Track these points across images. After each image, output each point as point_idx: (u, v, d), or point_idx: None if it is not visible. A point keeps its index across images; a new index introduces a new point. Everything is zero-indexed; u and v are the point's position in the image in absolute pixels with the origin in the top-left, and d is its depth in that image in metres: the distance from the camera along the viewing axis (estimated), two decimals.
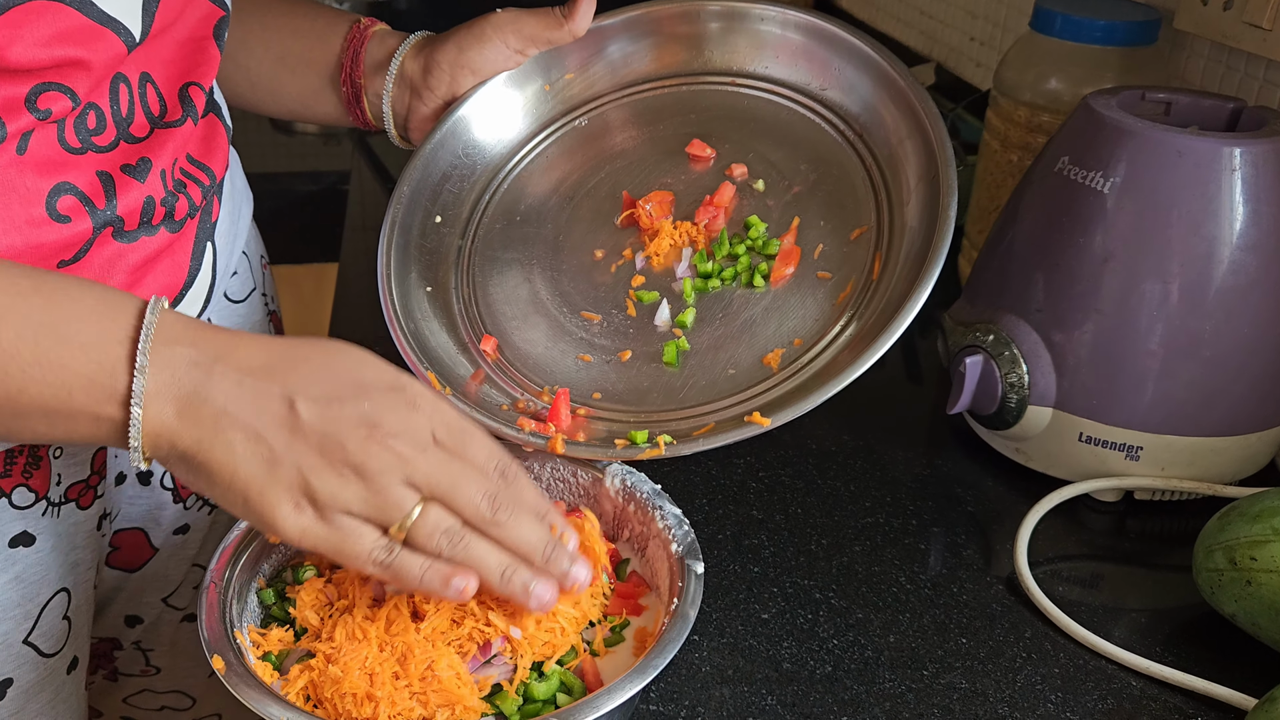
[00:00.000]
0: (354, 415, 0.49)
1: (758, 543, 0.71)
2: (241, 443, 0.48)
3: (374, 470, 0.49)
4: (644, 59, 0.78)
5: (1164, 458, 0.72)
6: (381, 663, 0.53)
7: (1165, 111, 0.76)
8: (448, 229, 0.75)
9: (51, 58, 0.51)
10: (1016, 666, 0.62)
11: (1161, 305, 0.69)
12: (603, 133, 0.77)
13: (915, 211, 0.65)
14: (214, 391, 0.48)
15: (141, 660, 0.78)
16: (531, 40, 0.73)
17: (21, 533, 0.60)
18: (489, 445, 0.52)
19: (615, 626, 0.58)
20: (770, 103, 0.74)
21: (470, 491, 0.51)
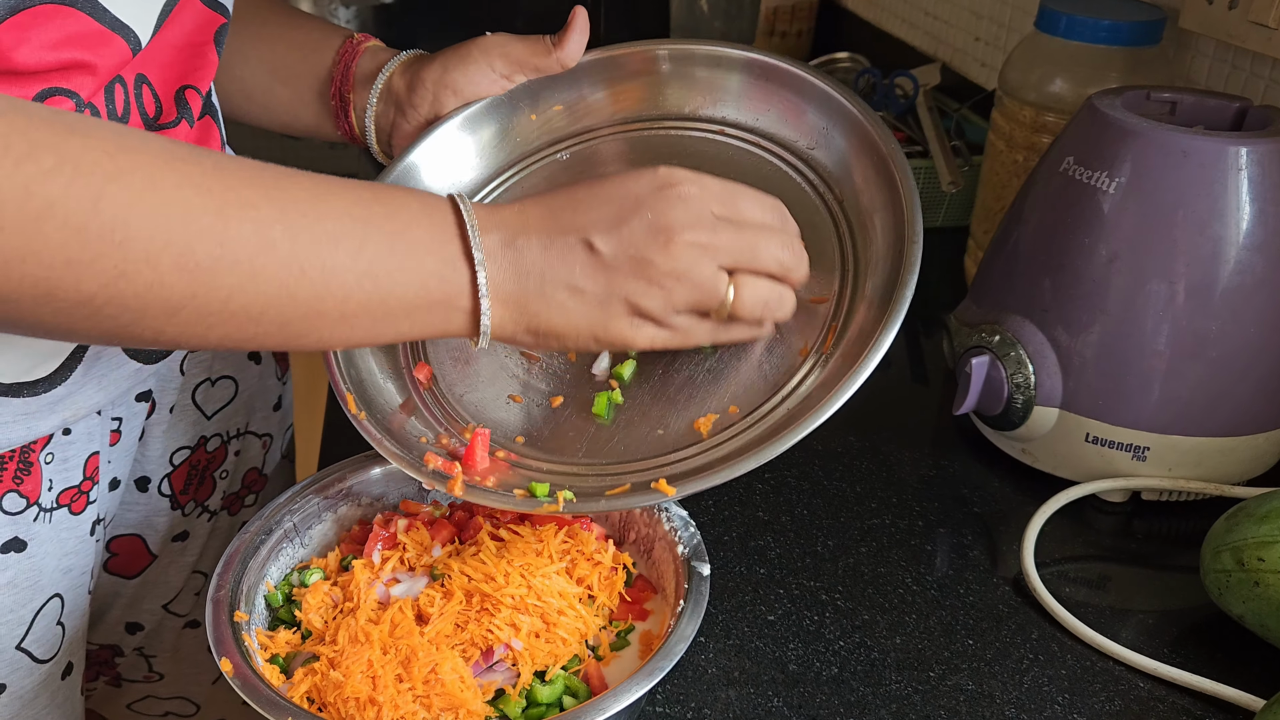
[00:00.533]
0: (644, 230, 0.53)
1: (764, 544, 0.71)
2: (568, 298, 0.53)
3: (684, 270, 0.53)
4: (635, 98, 0.76)
5: (1171, 458, 0.71)
6: (384, 665, 0.53)
7: (1170, 111, 0.76)
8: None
9: (58, 60, 0.51)
10: (1024, 668, 0.62)
11: (1168, 305, 0.69)
12: (583, 168, 0.75)
13: (875, 285, 0.63)
14: (528, 263, 0.53)
15: (144, 667, 0.79)
16: (519, 66, 0.72)
17: (13, 538, 0.60)
18: (756, 197, 0.58)
19: (621, 631, 0.58)
20: (755, 157, 0.71)
21: (768, 252, 0.56)
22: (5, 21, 0.48)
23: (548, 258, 0.53)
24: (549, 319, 0.54)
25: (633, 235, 0.53)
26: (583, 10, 0.71)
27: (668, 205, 0.54)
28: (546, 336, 0.55)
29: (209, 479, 0.76)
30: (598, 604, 0.58)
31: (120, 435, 0.68)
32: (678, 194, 0.54)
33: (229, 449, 0.77)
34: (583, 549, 0.59)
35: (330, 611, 0.57)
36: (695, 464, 0.58)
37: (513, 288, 0.53)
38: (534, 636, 0.55)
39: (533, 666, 0.54)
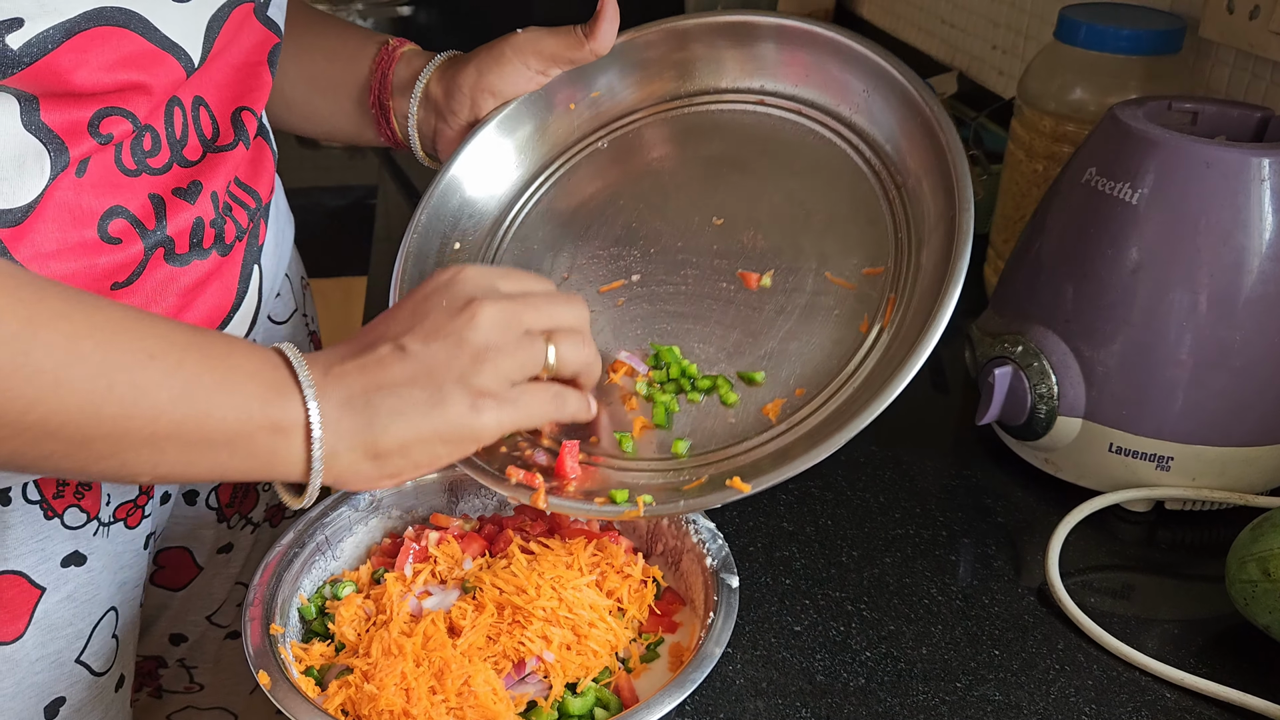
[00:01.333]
0: (444, 315, 0.53)
1: (788, 555, 0.71)
2: (398, 403, 0.52)
3: (499, 336, 0.53)
4: (671, 76, 0.76)
5: (1195, 468, 0.72)
6: (418, 678, 0.54)
7: (1192, 121, 0.77)
8: (467, 256, 0.74)
9: (115, 82, 0.52)
10: (1050, 678, 0.62)
11: (1191, 315, 0.69)
12: (624, 154, 0.75)
13: (930, 255, 0.62)
14: (349, 385, 0.52)
15: (186, 677, 0.79)
16: (553, 60, 0.72)
17: (73, 552, 0.61)
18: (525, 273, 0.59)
19: (651, 643, 0.59)
20: (797, 125, 0.71)
21: (562, 310, 0.57)
22: (63, 45, 0.49)
23: (366, 374, 0.52)
24: (385, 433, 0.52)
25: (436, 323, 0.53)
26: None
27: (459, 289, 0.55)
28: (391, 456, 0.52)
29: (253, 491, 0.77)
30: (628, 616, 0.59)
31: None
32: (464, 278, 0.55)
33: None
34: (612, 562, 0.60)
35: (363, 624, 0.58)
36: (768, 451, 0.59)
37: (341, 414, 0.51)
38: (565, 649, 0.55)
39: (564, 678, 0.55)
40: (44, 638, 0.61)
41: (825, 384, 0.60)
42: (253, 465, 0.51)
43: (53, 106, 0.51)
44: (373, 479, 0.53)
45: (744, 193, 0.71)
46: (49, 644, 0.61)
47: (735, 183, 0.71)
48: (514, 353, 0.54)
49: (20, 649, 0.60)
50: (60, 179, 0.53)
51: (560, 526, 0.63)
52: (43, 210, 0.53)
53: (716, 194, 0.71)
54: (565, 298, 0.58)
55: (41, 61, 0.49)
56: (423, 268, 0.72)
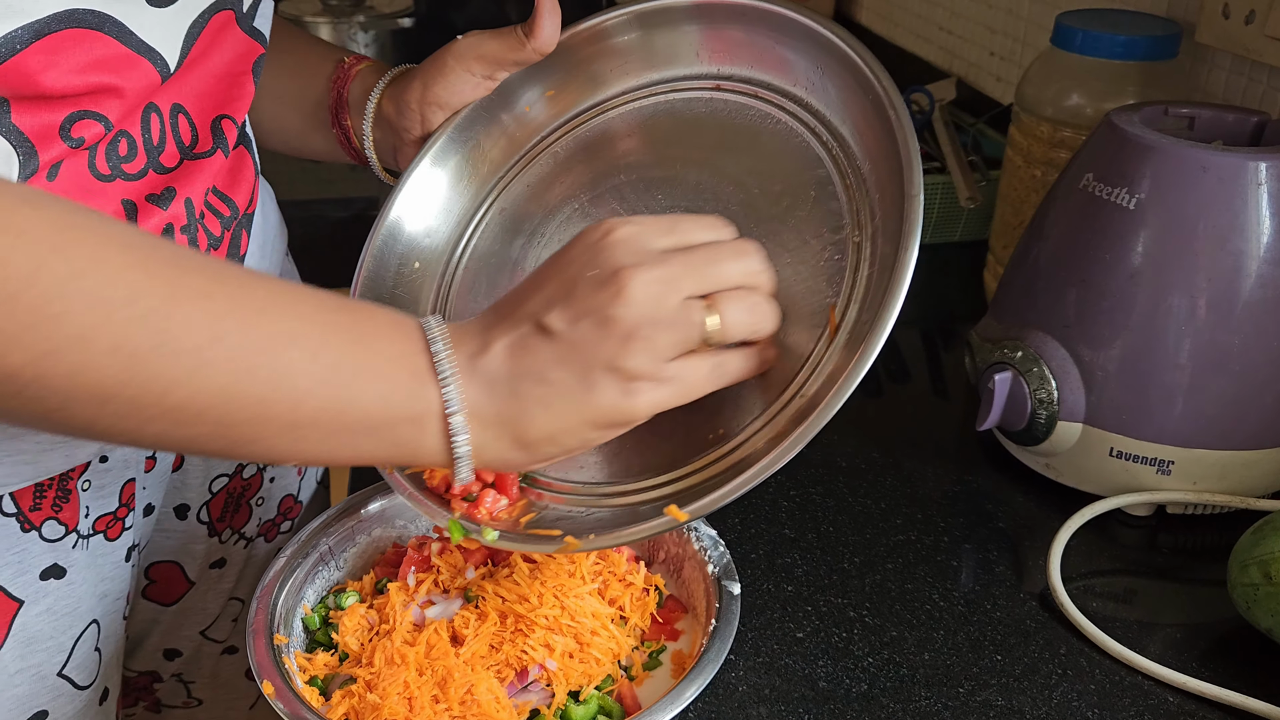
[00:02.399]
0: (591, 290, 0.49)
1: (790, 561, 0.72)
2: (545, 392, 0.49)
3: (651, 312, 0.48)
4: (627, 65, 0.72)
5: (1195, 472, 0.72)
6: (421, 687, 0.54)
7: (1189, 126, 0.77)
8: (426, 275, 0.72)
9: (86, 84, 0.51)
10: (1052, 683, 0.62)
11: (1189, 320, 0.69)
12: (582, 155, 0.72)
13: (881, 248, 0.58)
14: (494, 373, 0.49)
15: (183, 693, 0.79)
16: (496, 64, 0.69)
17: (52, 565, 0.61)
18: (696, 219, 0.53)
19: (653, 651, 0.59)
20: (754, 110, 0.67)
21: (729, 266, 0.51)
22: (32, 45, 0.48)
23: (510, 360, 0.49)
24: (533, 423, 0.49)
25: (583, 300, 0.49)
26: None
27: (607, 255, 0.49)
28: (540, 445, 0.50)
29: (245, 506, 0.77)
30: (630, 625, 0.59)
31: (155, 462, 0.69)
32: (612, 240, 0.50)
33: (265, 476, 0.78)
34: (614, 570, 0.60)
35: (366, 634, 0.58)
36: (712, 472, 0.56)
37: (486, 403, 0.49)
38: (568, 657, 0.56)
39: (567, 687, 0.55)
40: (23, 650, 0.61)
41: (779, 392, 0.57)
42: (395, 452, 0.49)
43: (23, 109, 0.50)
44: (524, 465, 0.51)
45: (698, 189, 0.68)
46: (29, 656, 0.61)
47: (690, 179, 0.68)
48: (669, 328, 0.48)
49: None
50: (30, 183, 0.52)
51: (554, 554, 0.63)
52: None
53: (671, 192, 0.68)
54: (733, 248, 0.52)
55: (9, 62, 0.48)
56: (378, 292, 0.70)
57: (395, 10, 1.76)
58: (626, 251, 0.49)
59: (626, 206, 0.69)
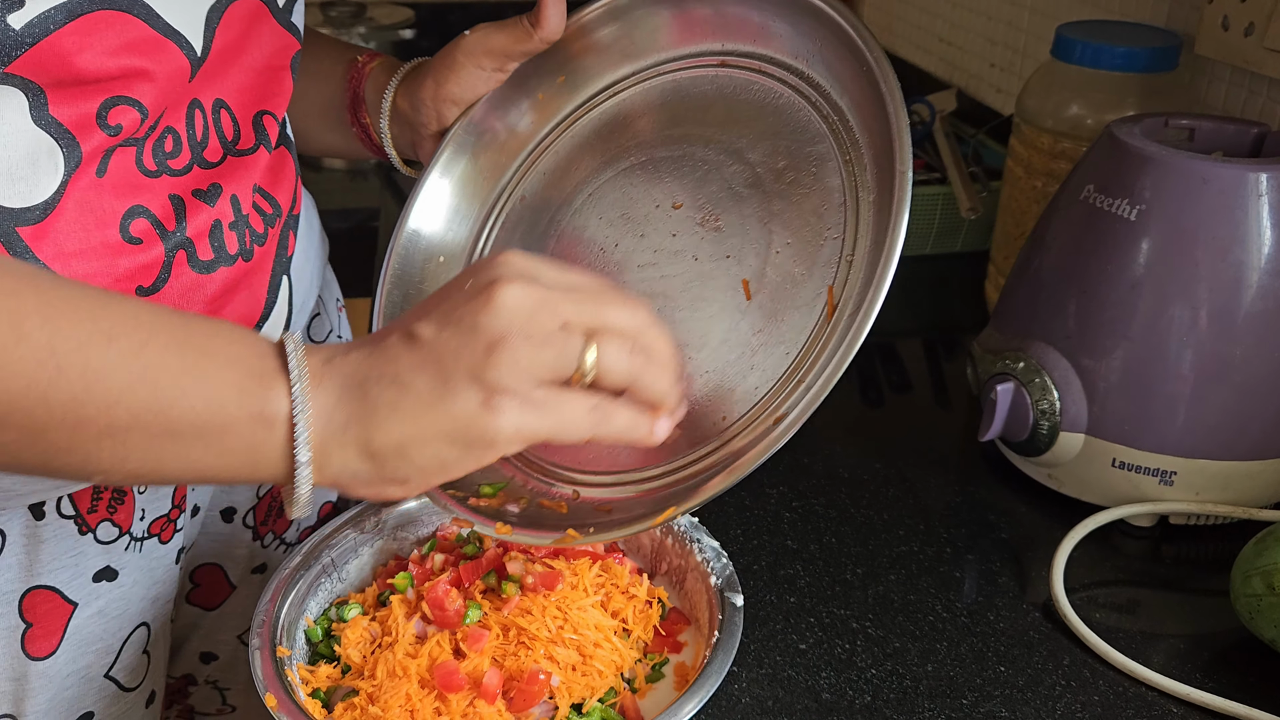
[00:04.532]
0: (463, 298, 0.47)
1: (793, 573, 0.72)
2: (398, 395, 0.46)
3: (522, 323, 0.46)
4: (625, 49, 0.72)
5: (1198, 482, 0.72)
6: (423, 700, 0.54)
7: (1189, 138, 0.77)
8: (450, 269, 0.73)
9: (119, 67, 0.52)
10: (1056, 694, 0.62)
11: (1191, 331, 0.69)
12: (594, 142, 0.72)
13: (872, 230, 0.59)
14: (348, 373, 0.47)
15: (219, 699, 0.79)
16: (505, 56, 0.69)
17: (105, 567, 0.62)
18: (600, 278, 0.51)
19: (656, 664, 0.59)
20: (759, 86, 0.67)
21: (615, 310, 0.48)
22: (66, 26, 0.49)
23: (369, 362, 0.47)
24: (381, 427, 0.46)
25: (451, 306, 0.47)
26: None
27: (489, 271, 0.47)
28: (388, 456, 0.46)
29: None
30: (633, 637, 0.59)
31: None
32: (498, 260, 0.48)
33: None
34: (617, 582, 0.60)
35: (369, 646, 0.58)
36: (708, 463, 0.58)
37: (334, 407, 0.46)
38: (571, 669, 0.55)
39: (570, 699, 0.55)
40: (75, 653, 0.61)
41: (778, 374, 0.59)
42: (230, 462, 0.46)
43: (60, 99, 0.51)
44: (373, 482, 0.47)
45: (705, 167, 0.68)
46: (79, 659, 0.62)
47: (697, 157, 0.68)
48: (539, 346, 0.46)
49: (53, 664, 0.61)
50: (80, 178, 0.53)
51: (565, 548, 0.63)
52: (63, 209, 0.53)
53: (679, 171, 0.69)
54: (623, 298, 0.49)
55: (44, 43, 0.48)
56: (405, 290, 0.71)
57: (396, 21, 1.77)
58: (510, 269, 0.47)
59: (638, 193, 0.70)
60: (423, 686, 0.54)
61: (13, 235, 0.52)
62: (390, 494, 0.48)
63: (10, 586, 0.59)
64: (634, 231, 0.68)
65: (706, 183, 0.67)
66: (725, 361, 0.61)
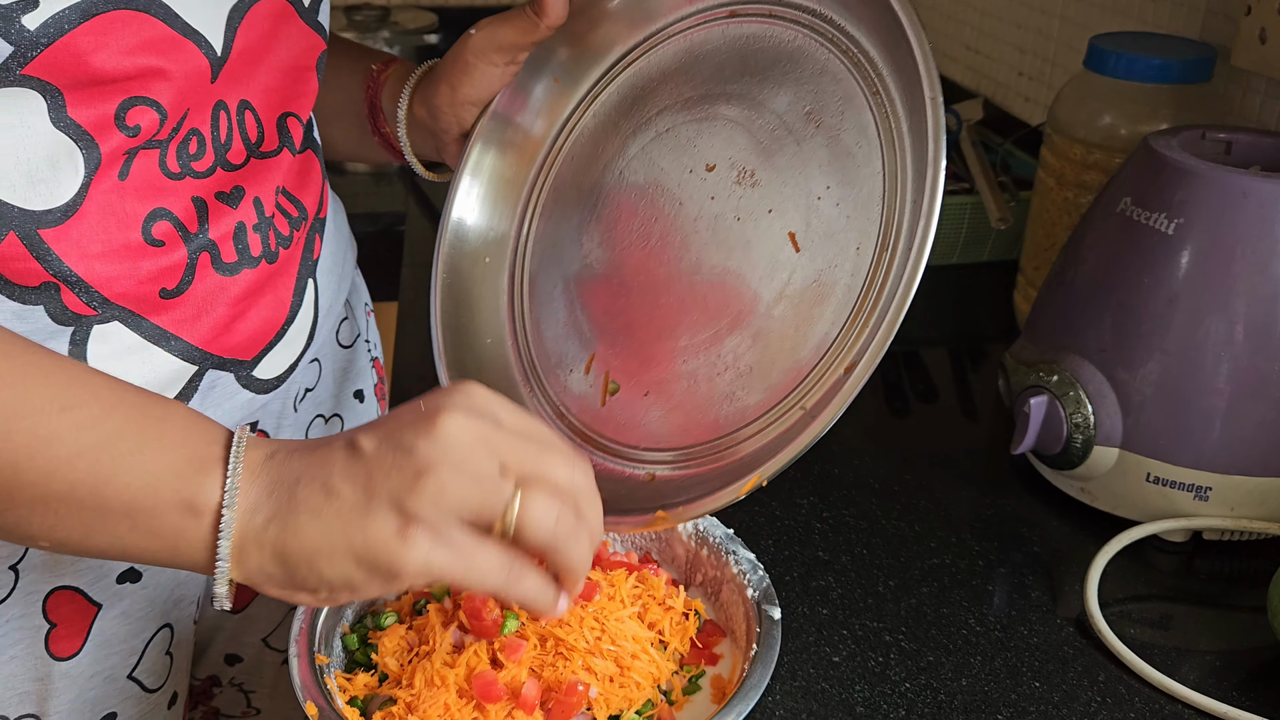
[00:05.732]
0: (410, 419, 0.47)
1: (825, 584, 0.71)
2: (322, 502, 0.46)
3: (456, 457, 0.45)
4: (646, 7, 0.71)
5: (1233, 498, 0.71)
6: (460, 709, 0.54)
7: (1226, 151, 0.77)
8: (496, 268, 0.74)
9: (135, 67, 0.52)
10: (1092, 711, 0.62)
11: (1228, 345, 0.69)
12: (616, 119, 0.72)
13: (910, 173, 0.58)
14: (285, 471, 0.47)
15: (243, 702, 0.80)
16: (514, 48, 0.68)
17: (129, 569, 0.62)
18: (554, 433, 0.50)
19: (692, 676, 0.59)
20: (772, 32, 0.66)
21: (556, 465, 0.48)
22: (81, 25, 0.49)
23: (306, 464, 0.47)
24: (297, 532, 0.46)
25: (398, 424, 0.46)
26: None
27: (443, 395, 0.47)
28: (299, 564, 0.46)
29: None
30: (669, 649, 0.59)
31: None
32: (459, 389, 0.48)
33: None
34: (654, 594, 0.60)
35: (406, 655, 0.58)
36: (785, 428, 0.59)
37: (261, 501, 0.46)
38: (609, 680, 0.55)
39: (608, 710, 0.55)
40: (99, 654, 0.62)
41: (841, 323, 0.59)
42: (154, 545, 0.46)
43: (78, 101, 0.51)
44: (284, 586, 0.47)
45: (732, 125, 0.67)
46: (103, 660, 0.62)
47: (723, 116, 0.68)
48: (467, 483, 0.45)
49: (76, 665, 0.61)
50: (101, 180, 0.54)
51: (600, 559, 0.63)
52: (85, 211, 0.53)
53: (710, 133, 0.67)
54: (566, 454, 0.49)
55: (60, 43, 0.49)
56: (456, 295, 0.72)
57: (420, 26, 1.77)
58: (462, 399, 0.47)
59: (668, 162, 0.69)
60: (461, 696, 0.54)
61: (35, 237, 0.52)
62: (301, 600, 0.48)
63: (34, 587, 0.59)
64: (671, 202, 0.68)
65: (734, 140, 0.66)
66: (784, 321, 0.61)
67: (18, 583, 0.58)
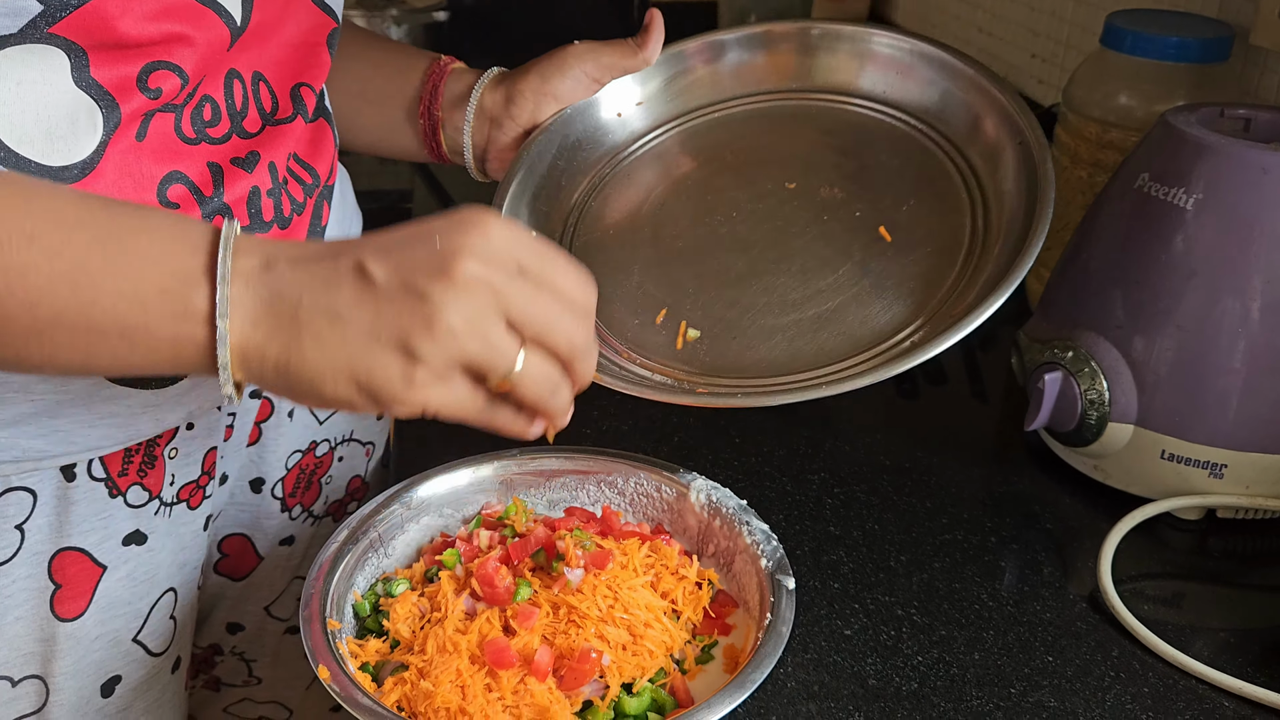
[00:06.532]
0: (426, 256, 0.46)
1: (836, 559, 0.71)
2: (326, 326, 0.45)
3: (467, 315, 0.45)
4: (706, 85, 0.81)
5: (1249, 475, 0.71)
6: (473, 675, 0.54)
7: (1245, 128, 0.76)
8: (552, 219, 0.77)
9: (160, 32, 0.52)
10: (1105, 685, 0.61)
11: (1245, 322, 0.68)
12: (670, 158, 0.80)
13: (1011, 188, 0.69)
14: (286, 286, 0.46)
15: (244, 671, 0.80)
16: (609, 69, 0.76)
17: (134, 531, 0.62)
18: (570, 266, 0.50)
19: (705, 646, 0.58)
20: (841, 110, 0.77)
21: (565, 326, 0.48)
22: None
23: (311, 280, 0.46)
24: (301, 354, 0.46)
25: (413, 259, 0.46)
26: (658, 12, 0.76)
27: (462, 233, 0.46)
28: (298, 381, 0.46)
29: (315, 484, 0.78)
30: (682, 619, 0.58)
31: (233, 431, 0.69)
32: (479, 228, 0.47)
33: (335, 455, 0.79)
34: (667, 563, 0.60)
35: (418, 621, 0.58)
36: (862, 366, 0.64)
37: (260, 312, 0.46)
38: (621, 649, 0.55)
39: (620, 678, 0.55)
40: (103, 616, 0.62)
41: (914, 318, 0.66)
42: (155, 359, 0.47)
43: (101, 61, 0.52)
44: (282, 393, 0.48)
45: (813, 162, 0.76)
46: (108, 622, 0.62)
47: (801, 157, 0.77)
48: (474, 341, 0.46)
49: (81, 626, 0.61)
50: (119, 141, 0.54)
51: (612, 528, 0.63)
52: (102, 170, 0.53)
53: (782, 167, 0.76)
54: (577, 308, 0.49)
55: (89, 5, 0.49)
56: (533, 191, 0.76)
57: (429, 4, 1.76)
58: (481, 243, 0.46)
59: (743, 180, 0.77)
60: (473, 663, 0.54)
61: None
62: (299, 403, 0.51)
63: (40, 547, 0.59)
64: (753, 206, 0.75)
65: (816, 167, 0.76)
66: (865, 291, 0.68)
67: (24, 543, 0.58)
